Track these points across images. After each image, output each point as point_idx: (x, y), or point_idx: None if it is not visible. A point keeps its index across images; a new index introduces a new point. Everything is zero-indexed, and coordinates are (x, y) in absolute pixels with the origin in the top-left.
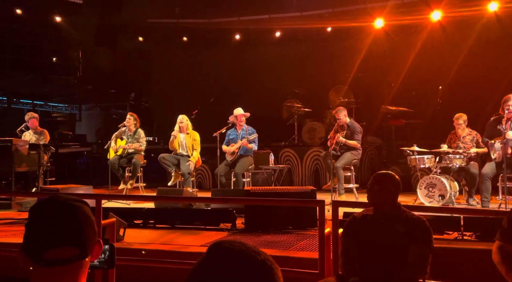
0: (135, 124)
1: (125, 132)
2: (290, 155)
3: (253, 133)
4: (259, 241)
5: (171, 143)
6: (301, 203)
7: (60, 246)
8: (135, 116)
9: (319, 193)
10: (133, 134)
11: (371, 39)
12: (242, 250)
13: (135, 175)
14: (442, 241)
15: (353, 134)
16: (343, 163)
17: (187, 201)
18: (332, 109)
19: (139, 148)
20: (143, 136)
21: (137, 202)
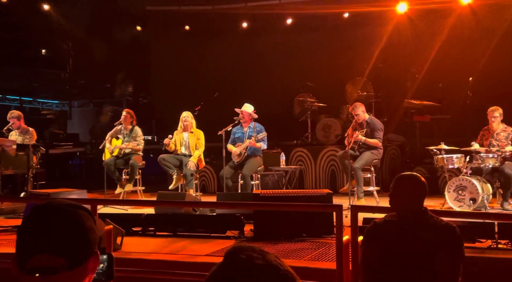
0: (132, 121)
1: (121, 131)
2: (303, 154)
3: (262, 132)
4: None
5: (168, 148)
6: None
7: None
8: (132, 113)
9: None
10: (130, 133)
11: (392, 26)
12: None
13: (133, 177)
14: (474, 250)
15: (373, 132)
16: (362, 163)
17: (190, 206)
18: (349, 104)
19: (137, 148)
20: (140, 134)
21: (135, 207)
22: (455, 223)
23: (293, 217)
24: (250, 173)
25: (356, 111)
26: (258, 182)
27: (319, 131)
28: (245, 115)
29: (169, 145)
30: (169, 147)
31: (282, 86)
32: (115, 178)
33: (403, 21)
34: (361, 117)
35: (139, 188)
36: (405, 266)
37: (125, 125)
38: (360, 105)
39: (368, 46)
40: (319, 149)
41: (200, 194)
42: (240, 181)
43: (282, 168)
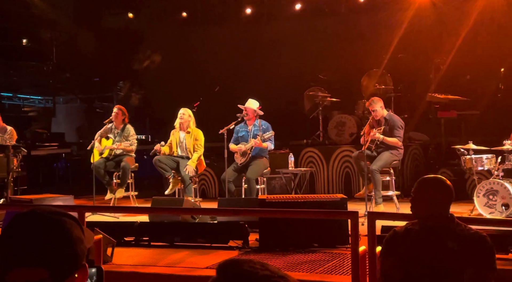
0: (124, 119)
1: (112, 130)
2: (314, 155)
3: (268, 130)
4: (277, 262)
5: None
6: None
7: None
8: (124, 109)
9: (351, 202)
10: (121, 132)
11: (414, 10)
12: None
13: (125, 181)
14: (508, 262)
15: (392, 129)
16: (380, 165)
17: (188, 213)
18: (365, 99)
19: (129, 148)
20: (133, 133)
21: (127, 214)
22: (485, 232)
23: (303, 225)
24: (255, 176)
25: (374, 106)
26: (264, 186)
27: (332, 129)
28: (250, 112)
29: (161, 152)
30: (162, 153)
31: (290, 79)
32: (104, 182)
33: (426, 5)
34: (378, 114)
35: (132, 193)
36: (429, 281)
37: (116, 124)
38: (378, 100)
39: (386, 33)
40: (332, 149)
41: (199, 200)
42: (244, 185)
43: (291, 171)
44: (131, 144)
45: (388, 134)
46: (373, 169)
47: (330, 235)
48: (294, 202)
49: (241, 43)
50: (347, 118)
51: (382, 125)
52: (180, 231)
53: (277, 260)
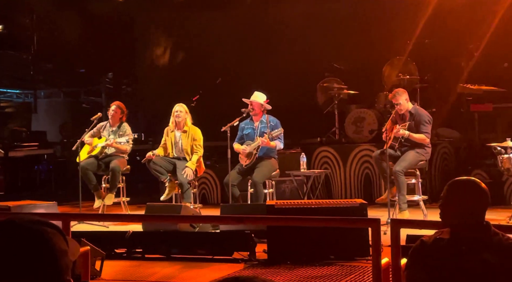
0: (122, 118)
1: (106, 128)
2: (329, 155)
3: (277, 127)
4: (288, 277)
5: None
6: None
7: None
8: (123, 107)
9: (372, 208)
10: (117, 130)
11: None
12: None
13: (115, 185)
14: None
15: (418, 125)
16: (404, 165)
17: (187, 222)
18: (388, 91)
19: (123, 148)
20: (129, 132)
21: (118, 223)
22: None
23: (317, 235)
24: (263, 179)
25: (397, 99)
26: (273, 191)
27: (349, 125)
28: (256, 107)
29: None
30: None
31: (301, 69)
32: (91, 187)
33: None
34: (403, 107)
35: (123, 199)
36: None
37: (112, 122)
38: (402, 92)
39: (411, 15)
40: (350, 148)
41: (199, 206)
42: (249, 189)
43: (303, 173)
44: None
45: (413, 131)
46: (397, 171)
47: (348, 246)
48: (307, 208)
49: (245, 30)
50: (366, 113)
51: (406, 121)
52: (177, 242)
53: (288, 274)
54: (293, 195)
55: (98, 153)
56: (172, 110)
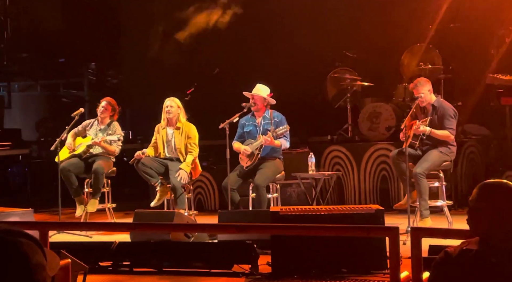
0: (112, 115)
1: (93, 126)
2: (341, 155)
3: (283, 124)
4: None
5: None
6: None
7: None
8: (114, 103)
9: (389, 215)
10: (105, 129)
11: None
12: None
13: (98, 189)
14: None
15: (442, 120)
16: (426, 167)
17: (181, 230)
18: (407, 82)
19: (111, 149)
20: (119, 132)
21: (103, 233)
22: None
23: (328, 245)
24: (266, 182)
25: (419, 90)
26: (277, 195)
27: (364, 122)
28: (258, 101)
29: None
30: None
31: (309, 58)
32: (71, 191)
33: None
34: (425, 100)
35: (108, 206)
36: None
37: (103, 119)
38: (425, 82)
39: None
40: (364, 147)
41: (195, 213)
42: (251, 194)
43: (311, 175)
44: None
45: (436, 127)
46: (418, 173)
47: (363, 258)
48: (316, 215)
49: (246, 14)
50: (383, 107)
51: (428, 116)
52: (170, 253)
53: None
54: (301, 200)
55: (82, 152)
56: (163, 105)
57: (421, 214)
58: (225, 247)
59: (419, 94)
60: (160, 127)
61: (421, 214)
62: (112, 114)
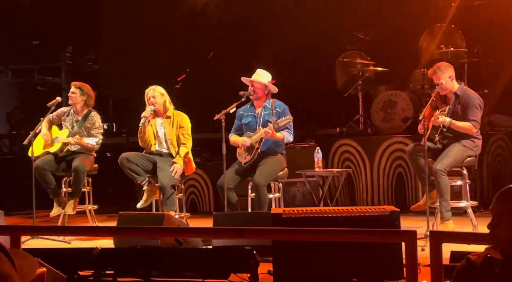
0: (86, 102)
1: (68, 116)
2: (352, 150)
3: (285, 114)
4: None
5: (142, 134)
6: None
7: None
8: (86, 87)
9: (406, 217)
10: (83, 120)
11: None
12: None
13: (78, 190)
14: None
15: (466, 110)
16: (448, 163)
17: (171, 235)
18: (426, 67)
19: (90, 146)
20: (98, 125)
21: (83, 238)
22: None
23: (336, 252)
24: (267, 180)
25: (439, 76)
26: (280, 195)
27: (377, 112)
28: (258, 89)
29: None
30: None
31: (316, 41)
32: (49, 191)
33: None
34: (446, 87)
35: (89, 207)
36: None
37: (76, 109)
38: (446, 67)
39: None
40: (378, 141)
41: (187, 215)
42: (250, 194)
43: (318, 172)
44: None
45: (459, 117)
46: (438, 169)
47: (376, 266)
48: (323, 218)
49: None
50: (399, 96)
51: (448, 105)
52: (159, 261)
53: None
54: (306, 201)
55: (58, 150)
56: None
57: (442, 216)
58: (221, 254)
59: (439, 81)
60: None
61: (442, 216)
62: (85, 101)
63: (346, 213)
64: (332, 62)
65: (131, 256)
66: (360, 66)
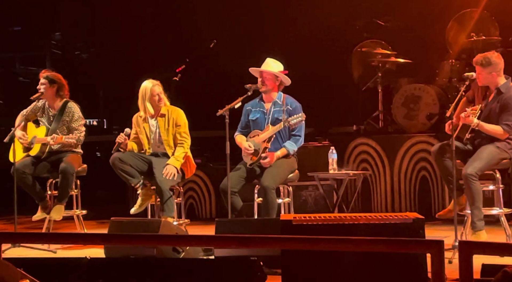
0: (58, 92)
1: (44, 110)
2: (370, 150)
3: (297, 112)
4: None
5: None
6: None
7: None
8: (57, 76)
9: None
10: (60, 114)
11: None
12: None
13: (66, 193)
14: None
15: (502, 112)
16: (480, 166)
17: (168, 244)
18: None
19: (71, 141)
20: (78, 116)
21: (71, 246)
22: None
23: (353, 263)
24: (275, 183)
25: (485, 71)
26: (290, 200)
27: (399, 108)
28: (268, 79)
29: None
30: (129, 148)
31: (330, 28)
32: (33, 195)
33: None
34: (490, 82)
35: (77, 212)
36: None
37: (50, 102)
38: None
39: None
40: (399, 140)
41: (186, 222)
42: (257, 199)
43: (333, 175)
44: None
45: (495, 116)
46: (469, 174)
47: (398, 279)
48: (338, 225)
49: None
50: (423, 90)
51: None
52: (155, 273)
53: None
54: (318, 207)
55: (39, 152)
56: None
57: (473, 226)
58: (224, 265)
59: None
60: (140, 118)
61: (473, 226)
62: (56, 92)
63: (363, 220)
64: (349, 52)
65: (124, 267)
66: (380, 56)
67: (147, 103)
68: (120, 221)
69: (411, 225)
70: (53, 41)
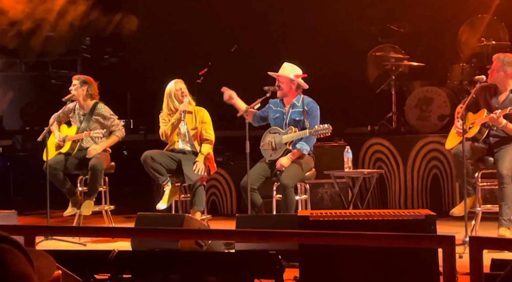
0: (88, 92)
1: (75, 111)
2: (384, 150)
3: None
4: None
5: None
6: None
7: None
8: (89, 80)
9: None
10: (90, 114)
11: None
12: None
13: (95, 189)
14: None
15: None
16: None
17: (192, 238)
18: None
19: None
20: (110, 114)
21: (99, 240)
22: None
23: (367, 258)
24: (294, 182)
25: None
26: (307, 197)
27: (412, 109)
28: (283, 83)
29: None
30: (171, 138)
31: (346, 33)
32: (65, 191)
33: None
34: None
35: (106, 208)
36: None
37: (80, 104)
38: None
39: None
40: (412, 140)
41: (208, 217)
42: (276, 195)
43: (348, 173)
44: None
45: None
46: (506, 175)
47: (410, 273)
48: (353, 221)
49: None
50: (435, 92)
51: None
52: (178, 265)
53: None
54: (334, 203)
55: (69, 149)
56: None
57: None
58: (244, 258)
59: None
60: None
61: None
62: (87, 92)
63: (377, 217)
64: (364, 56)
65: (149, 260)
66: (394, 60)
67: (173, 98)
68: (146, 215)
69: (424, 221)
70: (84, 46)
